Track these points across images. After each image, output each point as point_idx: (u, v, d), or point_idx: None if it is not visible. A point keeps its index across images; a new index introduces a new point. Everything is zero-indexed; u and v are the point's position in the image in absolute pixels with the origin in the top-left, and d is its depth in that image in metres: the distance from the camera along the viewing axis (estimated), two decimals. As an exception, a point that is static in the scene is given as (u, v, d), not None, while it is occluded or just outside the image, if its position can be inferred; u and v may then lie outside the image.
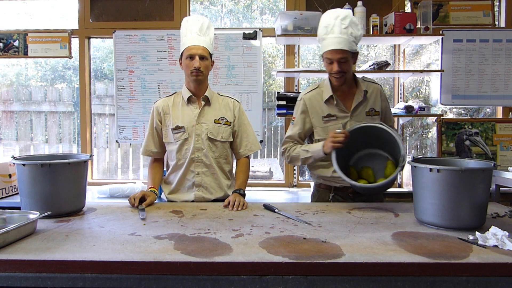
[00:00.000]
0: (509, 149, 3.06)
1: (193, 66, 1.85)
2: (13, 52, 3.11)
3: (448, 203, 1.39)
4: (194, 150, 1.91)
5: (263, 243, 1.27)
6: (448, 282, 1.10)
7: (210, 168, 1.94)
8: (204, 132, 1.92)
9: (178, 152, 1.93)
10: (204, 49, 1.86)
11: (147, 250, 1.20)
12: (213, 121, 1.94)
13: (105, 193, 2.76)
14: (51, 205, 1.55)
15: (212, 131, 1.93)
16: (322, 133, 1.93)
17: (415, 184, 1.50)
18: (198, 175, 1.93)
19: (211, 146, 1.93)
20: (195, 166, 1.93)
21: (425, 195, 1.45)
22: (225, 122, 1.96)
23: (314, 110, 1.95)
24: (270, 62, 4.23)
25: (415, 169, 1.49)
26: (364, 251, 1.19)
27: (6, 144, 3.64)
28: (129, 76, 3.08)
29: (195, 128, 1.92)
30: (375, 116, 1.93)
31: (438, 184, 1.41)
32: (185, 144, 1.93)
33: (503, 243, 1.23)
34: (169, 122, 1.95)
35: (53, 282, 1.12)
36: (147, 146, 2.02)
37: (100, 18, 3.17)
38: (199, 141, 1.92)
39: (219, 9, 3.83)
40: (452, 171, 1.39)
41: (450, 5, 3.07)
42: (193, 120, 1.92)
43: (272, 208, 1.71)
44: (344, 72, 1.82)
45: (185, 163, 1.93)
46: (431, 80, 3.91)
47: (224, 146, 1.97)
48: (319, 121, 1.94)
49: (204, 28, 1.88)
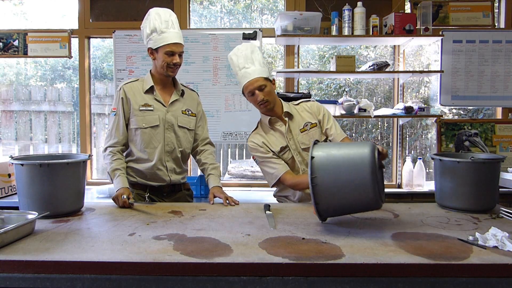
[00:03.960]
0: (508, 150, 3.06)
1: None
2: (13, 51, 3.11)
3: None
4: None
5: (263, 244, 1.26)
6: (448, 283, 1.10)
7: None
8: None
9: None
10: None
11: (146, 251, 1.19)
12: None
13: (105, 193, 2.76)
14: (50, 205, 1.55)
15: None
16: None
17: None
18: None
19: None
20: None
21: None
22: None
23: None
24: (270, 62, 4.23)
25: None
26: (364, 252, 1.19)
27: (5, 144, 3.63)
28: (128, 76, 3.07)
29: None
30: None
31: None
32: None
33: (503, 244, 1.23)
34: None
35: (52, 283, 1.11)
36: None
37: (100, 18, 3.16)
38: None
39: (219, 9, 3.83)
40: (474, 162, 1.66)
41: (450, 6, 3.07)
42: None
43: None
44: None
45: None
46: (430, 81, 3.91)
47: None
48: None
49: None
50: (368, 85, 4.33)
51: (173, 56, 1.91)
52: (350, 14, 2.83)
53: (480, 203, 1.69)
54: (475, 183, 1.66)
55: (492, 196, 1.71)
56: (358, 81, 4.27)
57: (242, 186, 3.20)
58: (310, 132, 1.98)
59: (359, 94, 4.30)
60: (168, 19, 1.91)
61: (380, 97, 4.31)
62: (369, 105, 2.85)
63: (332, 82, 4.31)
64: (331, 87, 4.34)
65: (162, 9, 1.94)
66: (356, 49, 4.16)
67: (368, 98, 4.10)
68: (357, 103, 2.85)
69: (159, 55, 1.92)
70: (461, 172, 1.68)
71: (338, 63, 2.84)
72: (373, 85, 4.32)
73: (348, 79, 4.16)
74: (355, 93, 4.30)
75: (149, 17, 1.92)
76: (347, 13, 2.83)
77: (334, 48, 4.01)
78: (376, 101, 4.25)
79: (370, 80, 4.19)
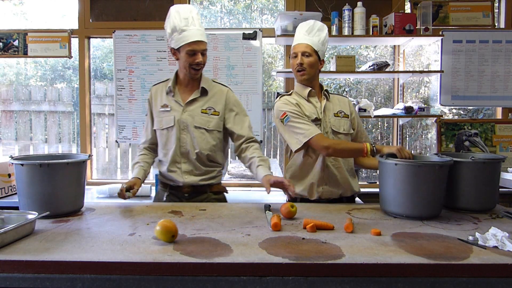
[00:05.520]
0: (508, 150, 3.06)
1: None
2: (13, 51, 3.11)
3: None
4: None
5: (263, 244, 1.26)
6: (449, 283, 1.10)
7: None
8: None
9: None
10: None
11: (146, 251, 1.19)
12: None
13: (105, 193, 2.76)
14: (50, 205, 1.55)
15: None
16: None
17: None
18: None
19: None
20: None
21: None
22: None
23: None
24: (270, 62, 4.23)
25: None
26: (364, 252, 1.19)
27: (5, 144, 3.63)
28: (128, 76, 3.07)
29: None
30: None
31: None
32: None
33: (503, 244, 1.23)
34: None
35: (52, 283, 1.11)
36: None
37: (100, 18, 3.16)
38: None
39: (219, 9, 3.83)
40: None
41: (450, 6, 3.07)
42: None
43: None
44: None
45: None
46: (430, 81, 3.91)
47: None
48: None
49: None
50: (368, 85, 4.33)
51: (195, 55, 1.84)
52: (350, 14, 2.83)
53: (480, 203, 1.69)
54: (475, 183, 1.66)
55: (492, 196, 1.71)
56: (358, 81, 4.27)
57: (242, 186, 3.20)
58: (342, 120, 2.00)
59: (359, 94, 4.30)
60: (187, 16, 1.82)
61: (380, 97, 4.31)
62: (369, 105, 2.85)
63: (332, 82, 4.32)
64: (331, 87, 4.35)
65: (182, 6, 1.87)
66: (356, 49, 4.16)
67: (368, 98, 4.11)
68: (357, 103, 2.85)
69: (182, 55, 1.86)
70: (461, 172, 1.68)
71: (338, 63, 2.84)
72: (373, 85, 4.32)
73: (348, 79, 4.16)
74: (355, 93, 4.31)
75: (169, 15, 1.87)
76: (347, 13, 2.83)
77: (334, 48, 4.01)
78: (376, 101, 4.25)
79: (370, 80, 4.19)
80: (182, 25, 1.81)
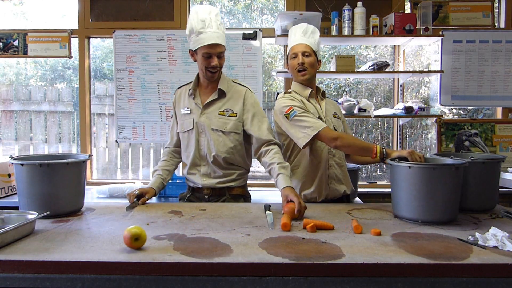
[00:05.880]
0: (508, 150, 3.06)
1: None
2: (13, 51, 3.11)
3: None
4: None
5: (263, 244, 1.26)
6: (449, 283, 1.10)
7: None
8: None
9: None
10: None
11: (146, 251, 1.19)
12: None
13: (105, 193, 2.76)
14: (50, 205, 1.55)
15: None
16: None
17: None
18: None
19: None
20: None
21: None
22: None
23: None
24: (270, 62, 4.23)
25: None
26: (364, 252, 1.19)
27: (5, 144, 3.63)
28: (128, 76, 3.07)
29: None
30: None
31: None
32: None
33: (503, 244, 1.23)
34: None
35: (52, 283, 1.11)
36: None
37: (100, 18, 3.16)
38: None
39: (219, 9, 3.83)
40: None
41: (450, 6, 3.07)
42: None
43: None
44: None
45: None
46: (430, 81, 3.91)
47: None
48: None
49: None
50: (368, 85, 4.33)
51: (211, 58, 1.82)
52: (350, 14, 2.83)
53: (480, 203, 1.69)
54: (475, 183, 1.66)
55: (492, 196, 1.71)
56: (358, 81, 4.27)
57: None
58: (338, 121, 2.05)
59: (359, 94, 4.30)
60: (205, 18, 1.78)
61: (380, 97, 4.31)
62: (369, 105, 2.85)
63: (332, 82, 4.32)
64: (331, 87, 4.35)
65: (202, 6, 1.83)
66: (356, 49, 4.16)
67: (368, 98, 4.11)
68: (357, 103, 2.85)
69: (198, 57, 1.85)
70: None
71: (338, 63, 2.84)
72: (373, 85, 4.32)
73: (348, 79, 4.16)
74: (355, 93, 4.31)
75: (189, 16, 1.85)
76: (347, 13, 2.83)
77: (334, 48, 4.01)
78: (376, 101, 4.25)
79: (370, 80, 4.19)
80: (199, 27, 1.79)
